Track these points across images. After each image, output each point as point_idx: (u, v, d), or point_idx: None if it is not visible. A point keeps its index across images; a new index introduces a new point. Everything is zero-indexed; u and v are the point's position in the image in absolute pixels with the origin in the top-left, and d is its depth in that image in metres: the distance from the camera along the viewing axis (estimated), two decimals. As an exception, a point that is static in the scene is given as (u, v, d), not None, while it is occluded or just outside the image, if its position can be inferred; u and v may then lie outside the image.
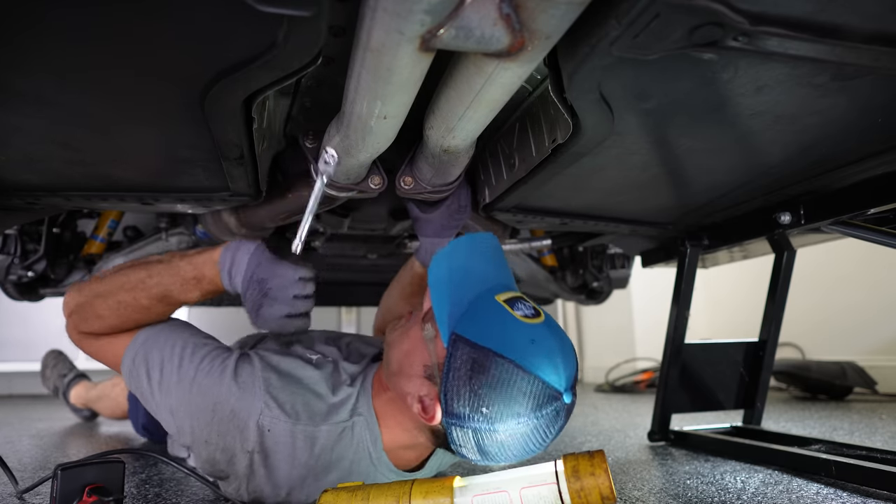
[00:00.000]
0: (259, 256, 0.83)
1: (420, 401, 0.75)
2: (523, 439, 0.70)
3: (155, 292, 0.86)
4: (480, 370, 0.68)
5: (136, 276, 0.86)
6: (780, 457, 1.09)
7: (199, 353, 0.86)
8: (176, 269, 0.86)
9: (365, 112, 0.63)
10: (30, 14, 0.50)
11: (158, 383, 0.84)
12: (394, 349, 0.82)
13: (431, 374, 0.74)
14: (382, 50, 0.49)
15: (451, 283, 0.74)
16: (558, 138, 0.79)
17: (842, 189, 0.96)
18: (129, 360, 0.87)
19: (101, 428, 1.82)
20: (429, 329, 0.75)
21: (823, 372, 2.35)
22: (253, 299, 0.82)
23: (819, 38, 0.52)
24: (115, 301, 0.87)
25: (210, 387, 0.82)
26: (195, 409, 0.81)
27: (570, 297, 2.02)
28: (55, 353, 2.15)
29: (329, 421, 0.83)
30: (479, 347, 0.69)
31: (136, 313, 0.88)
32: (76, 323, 0.90)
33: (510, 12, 0.45)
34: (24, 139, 0.74)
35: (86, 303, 0.88)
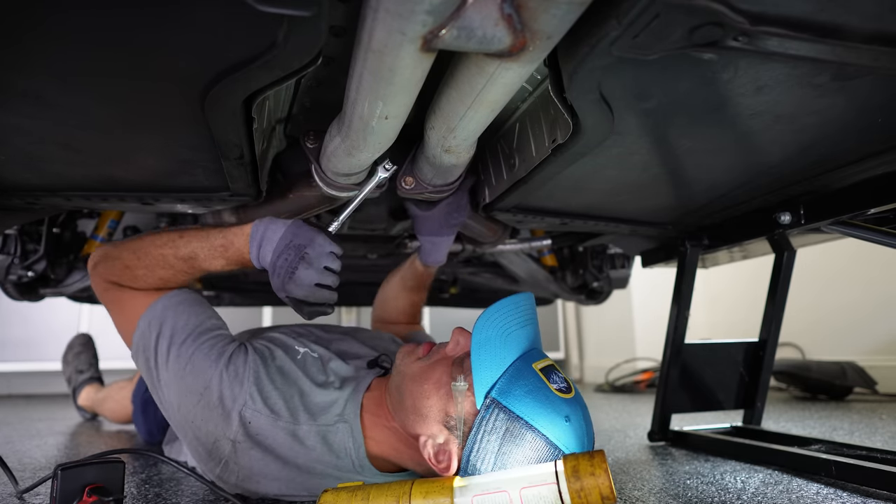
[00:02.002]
0: (297, 226, 0.86)
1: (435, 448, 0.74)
2: None
3: (182, 252, 0.89)
4: (513, 440, 0.69)
5: (169, 235, 0.90)
6: (780, 457, 1.09)
7: (205, 336, 0.88)
8: (206, 235, 0.89)
9: (366, 112, 0.63)
10: (32, 16, 0.50)
11: (165, 353, 0.86)
12: (411, 384, 0.80)
13: (453, 426, 0.73)
14: (384, 50, 0.49)
15: (491, 346, 0.73)
16: (558, 138, 0.79)
17: (842, 189, 0.96)
18: (145, 322, 0.89)
19: (101, 428, 1.82)
20: (461, 382, 0.74)
21: (823, 372, 2.35)
22: (288, 264, 0.83)
23: (819, 38, 0.52)
24: (145, 254, 0.90)
25: (204, 369, 0.84)
26: (186, 387, 0.84)
27: (570, 297, 2.02)
28: (83, 340, 2.13)
29: (311, 421, 0.84)
30: (515, 417, 0.69)
31: (161, 269, 0.90)
32: (102, 271, 0.93)
33: (512, 12, 0.45)
34: (24, 139, 0.74)
35: (115, 254, 0.92)
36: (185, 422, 0.84)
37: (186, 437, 0.86)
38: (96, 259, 0.94)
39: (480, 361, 0.73)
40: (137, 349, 0.90)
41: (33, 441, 1.52)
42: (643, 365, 3.23)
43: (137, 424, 1.44)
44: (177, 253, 0.89)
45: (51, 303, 2.01)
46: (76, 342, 2.12)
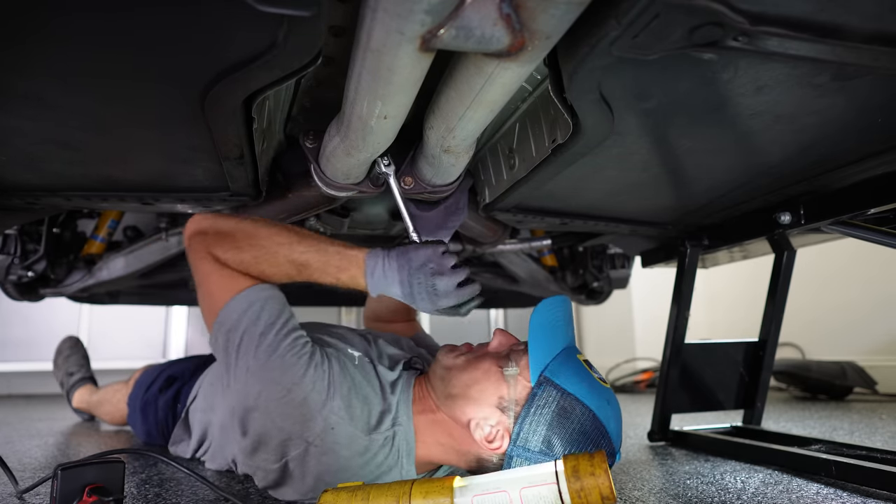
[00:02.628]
0: (405, 253, 0.86)
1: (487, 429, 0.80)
2: None
3: (297, 258, 0.88)
4: (565, 413, 0.77)
5: (288, 235, 0.89)
6: (780, 457, 1.09)
7: (295, 333, 0.87)
8: (325, 250, 0.88)
9: (365, 112, 0.63)
10: (35, 19, 0.50)
11: (257, 338, 0.84)
12: (460, 374, 0.85)
13: (505, 407, 0.80)
14: (383, 50, 0.49)
15: (544, 333, 0.82)
16: (558, 138, 0.79)
17: (842, 189, 0.96)
18: (245, 302, 0.87)
19: (101, 428, 1.82)
20: (511, 367, 0.82)
21: (823, 372, 2.35)
22: (426, 284, 0.84)
23: (819, 38, 0.52)
24: (259, 244, 0.88)
25: (293, 366, 0.83)
26: (272, 380, 0.82)
27: (570, 297, 2.01)
28: (71, 343, 2.12)
29: (378, 430, 0.86)
30: (567, 393, 0.77)
31: (269, 264, 0.89)
32: (209, 243, 0.90)
33: (510, 12, 0.45)
34: (24, 139, 0.74)
35: (227, 229, 0.90)
36: (261, 410, 0.83)
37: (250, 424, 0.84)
38: (203, 226, 0.92)
39: (537, 344, 0.81)
40: (222, 325, 0.87)
41: (33, 441, 1.52)
42: (643, 365, 3.23)
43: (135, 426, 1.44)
44: (291, 256, 0.88)
45: (51, 303, 2.01)
46: (64, 346, 2.11)
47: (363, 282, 0.87)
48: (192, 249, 0.93)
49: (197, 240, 0.92)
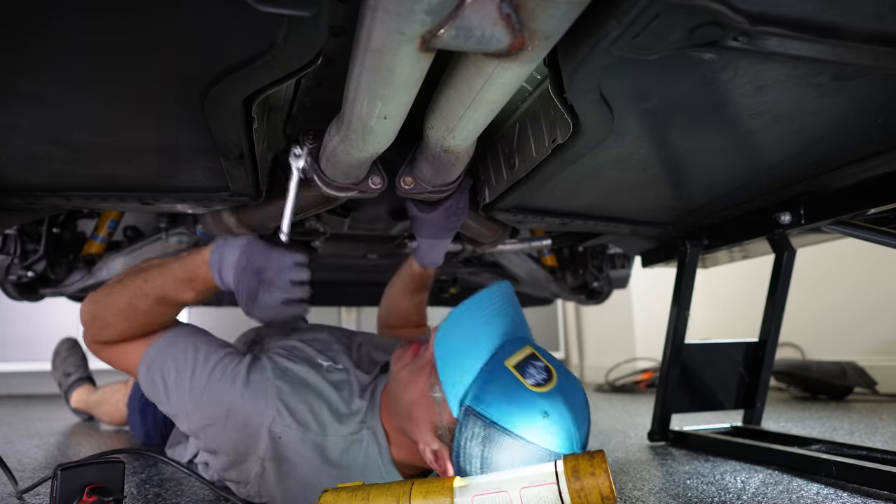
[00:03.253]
0: (251, 247, 0.84)
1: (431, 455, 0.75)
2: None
3: (152, 296, 0.88)
4: (492, 445, 0.68)
5: (134, 282, 0.88)
6: (780, 457, 1.09)
7: (212, 360, 0.86)
8: (169, 272, 0.88)
9: (365, 112, 0.63)
10: (34, 20, 0.50)
11: (175, 389, 0.86)
12: (403, 391, 0.79)
13: (441, 435, 0.74)
14: (383, 50, 0.49)
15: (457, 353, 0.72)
16: (558, 138, 0.79)
17: (842, 189, 0.96)
18: (145, 370, 0.89)
19: (101, 428, 1.82)
20: (437, 391, 0.73)
21: (823, 372, 2.35)
22: (249, 288, 0.83)
23: (819, 38, 0.52)
24: (119, 308, 0.88)
25: (222, 393, 0.83)
26: (209, 415, 0.83)
27: (570, 297, 2.02)
28: (69, 344, 2.14)
29: (338, 432, 0.84)
30: (490, 423, 0.68)
31: (140, 317, 0.89)
32: (91, 333, 0.92)
33: (510, 12, 0.45)
34: (24, 139, 0.74)
35: (96, 312, 0.91)
36: (215, 448, 0.84)
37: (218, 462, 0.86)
38: (84, 319, 0.93)
39: (448, 373, 0.71)
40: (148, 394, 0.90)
41: (33, 441, 1.52)
42: (643, 365, 3.23)
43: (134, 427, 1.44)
44: (146, 299, 0.88)
45: (51, 303, 2.01)
46: (62, 347, 2.13)
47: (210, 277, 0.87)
48: (88, 348, 0.95)
49: (86, 335, 0.94)
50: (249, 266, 0.82)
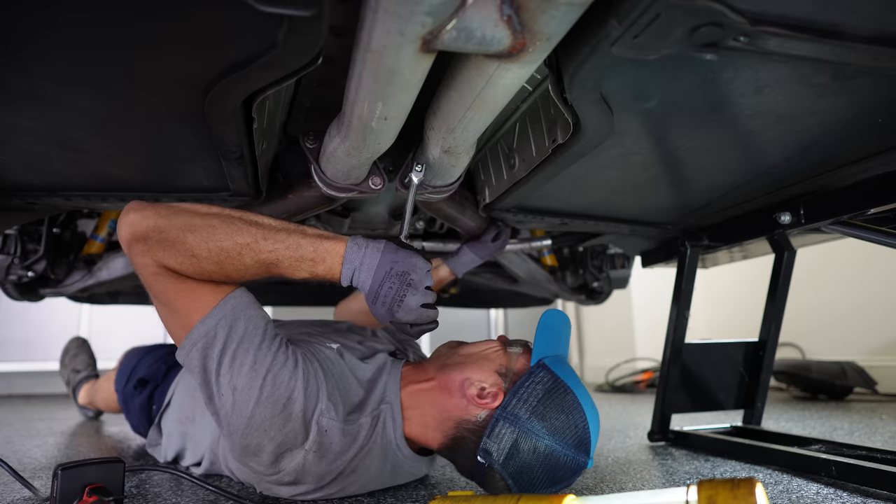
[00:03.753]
0: (393, 251, 0.82)
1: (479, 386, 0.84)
2: (551, 467, 0.80)
3: (265, 257, 0.79)
4: (555, 394, 0.81)
5: (250, 232, 0.79)
6: (780, 457, 1.09)
7: (276, 343, 0.83)
8: (296, 245, 0.81)
9: (366, 113, 0.63)
10: (36, 20, 0.50)
11: (232, 357, 0.79)
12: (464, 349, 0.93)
13: (504, 374, 0.86)
14: (383, 51, 0.49)
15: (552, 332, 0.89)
16: (558, 138, 0.79)
17: (842, 189, 0.96)
18: (213, 321, 0.80)
19: (101, 428, 1.82)
20: (516, 348, 0.90)
21: (823, 372, 2.35)
22: (393, 292, 0.81)
23: (819, 38, 0.52)
24: (217, 246, 0.78)
25: (285, 381, 0.80)
26: (265, 398, 0.79)
27: (570, 297, 2.01)
28: (78, 342, 2.14)
29: (364, 412, 0.88)
30: (560, 380, 0.83)
31: (234, 269, 0.80)
32: (158, 254, 0.78)
33: (511, 13, 0.45)
34: (24, 139, 0.74)
35: (174, 236, 0.78)
36: (256, 428, 0.80)
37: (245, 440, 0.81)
38: (142, 229, 0.78)
39: (544, 336, 0.88)
40: (196, 343, 0.80)
41: (33, 441, 1.52)
42: (643, 365, 3.23)
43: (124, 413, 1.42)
44: (258, 256, 0.79)
45: (51, 303, 2.01)
46: (71, 345, 2.14)
47: (339, 272, 0.82)
48: (137, 264, 0.80)
49: (140, 250, 0.78)
50: (395, 269, 0.81)
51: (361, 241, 0.82)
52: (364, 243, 0.82)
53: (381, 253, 0.81)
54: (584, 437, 0.80)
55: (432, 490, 0.96)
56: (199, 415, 1.05)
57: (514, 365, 0.86)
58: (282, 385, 0.80)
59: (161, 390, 1.22)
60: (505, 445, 0.79)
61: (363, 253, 0.81)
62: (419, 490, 0.96)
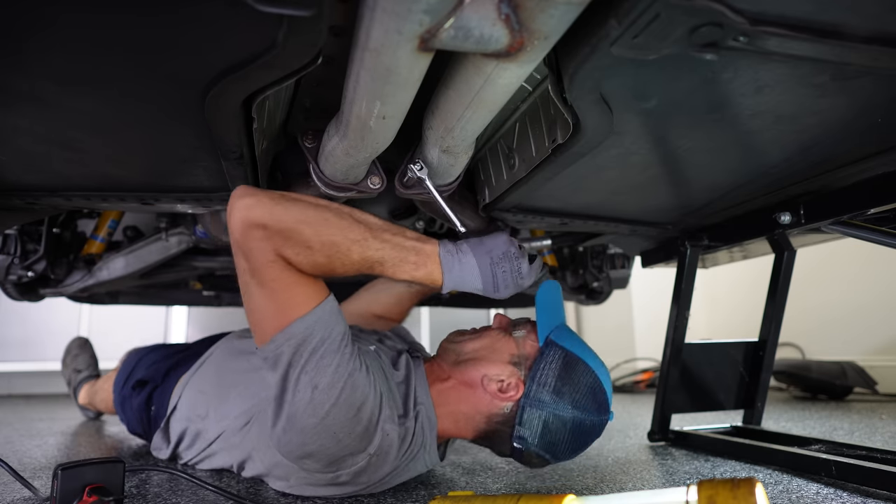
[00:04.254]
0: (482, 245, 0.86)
1: (499, 381, 0.88)
2: (580, 434, 0.88)
3: (371, 254, 0.81)
4: (569, 368, 0.88)
5: (359, 230, 0.81)
6: (780, 457, 1.09)
7: (353, 348, 0.84)
8: (401, 247, 0.82)
9: (364, 112, 0.63)
10: (36, 20, 0.50)
11: (321, 356, 0.80)
12: (470, 343, 0.96)
13: (517, 363, 0.90)
14: (381, 50, 0.49)
15: (549, 306, 0.94)
16: (558, 138, 0.79)
17: (842, 189, 0.96)
18: (320, 316, 0.81)
19: (101, 428, 1.82)
20: (520, 331, 0.93)
21: (823, 372, 2.35)
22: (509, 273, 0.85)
23: (819, 38, 0.52)
24: (330, 240, 0.79)
25: (361, 386, 0.82)
26: (343, 401, 0.80)
27: (570, 297, 2.01)
28: (80, 342, 2.13)
29: (408, 416, 0.90)
30: (570, 353, 0.89)
31: (341, 263, 0.81)
32: (277, 242, 0.79)
33: (509, 12, 0.45)
34: (24, 139, 0.74)
35: (293, 228, 0.79)
36: (325, 431, 0.80)
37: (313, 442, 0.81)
38: (263, 218, 0.78)
39: (544, 313, 0.92)
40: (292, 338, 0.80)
41: (33, 441, 1.52)
42: (643, 365, 3.23)
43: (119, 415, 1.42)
44: (365, 254, 0.80)
45: (51, 303, 2.01)
46: (73, 345, 2.13)
47: (440, 278, 0.83)
48: (253, 249, 0.79)
49: (258, 236, 0.78)
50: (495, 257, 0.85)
51: (450, 246, 0.86)
52: (454, 249, 0.85)
53: (472, 254, 0.85)
54: (602, 398, 0.88)
55: (432, 490, 0.96)
56: (212, 410, 1.05)
57: (523, 350, 0.91)
58: (358, 390, 0.81)
59: (161, 392, 1.21)
60: (536, 429, 0.87)
61: (458, 260, 0.84)
62: (419, 490, 0.96)
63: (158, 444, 1.17)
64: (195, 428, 1.08)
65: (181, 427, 1.12)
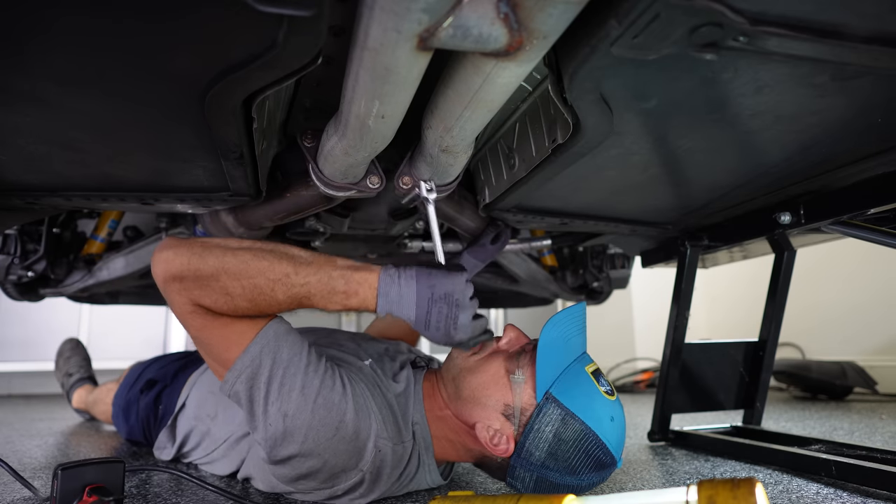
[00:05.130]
0: (427, 276, 0.81)
1: (491, 433, 0.83)
2: (574, 489, 0.82)
3: (296, 292, 0.80)
4: (566, 431, 0.79)
5: (281, 268, 0.80)
6: (780, 457, 1.09)
7: (321, 365, 0.84)
8: (327, 279, 0.80)
9: (363, 111, 0.63)
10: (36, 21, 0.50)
11: (280, 384, 0.80)
12: (469, 376, 0.88)
13: (510, 415, 0.83)
14: (380, 49, 0.49)
15: (553, 348, 0.83)
16: (558, 138, 0.79)
17: (842, 189, 0.96)
18: (257, 350, 0.81)
19: (101, 428, 1.82)
20: (519, 374, 0.84)
21: (823, 372, 2.35)
22: (444, 316, 0.80)
23: (819, 38, 0.52)
24: (251, 284, 0.79)
25: (336, 404, 0.81)
26: (318, 422, 0.80)
27: (570, 297, 2.01)
28: (72, 344, 2.12)
29: (405, 434, 0.89)
30: (569, 412, 0.79)
31: (267, 305, 0.81)
32: (193, 294, 0.79)
33: (508, 11, 0.45)
34: (24, 139, 0.74)
35: (208, 274, 0.79)
36: (309, 453, 0.81)
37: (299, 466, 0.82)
38: (177, 269, 0.79)
39: (545, 361, 0.82)
40: (239, 376, 0.81)
41: (33, 441, 1.52)
42: (643, 365, 3.23)
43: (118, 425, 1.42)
44: (289, 291, 0.80)
45: (51, 303, 2.01)
46: (65, 347, 2.10)
47: (373, 304, 0.81)
48: (173, 301, 0.82)
49: (175, 288, 0.80)
50: (436, 293, 0.80)
51: (393, 270, 0.81)
52: (396, 273, 0.81)
53: (415, 281, 0.80)
54: (602, 458, 0.80)
55: (432, 490, 0.96)
56: (221, 411, 1.05)
57: (518, 401, 0.82)
58: (333, 408, 0.81)
59: (171, 391, 1.21)
60: (528, 484, 0.83)
61: (398, 284, 0.80)
62: (419, 490, 0.96)
63: (163, 442, 1.17)
64: (203, 427, 1.09)
65: (188, 426, 1.12)
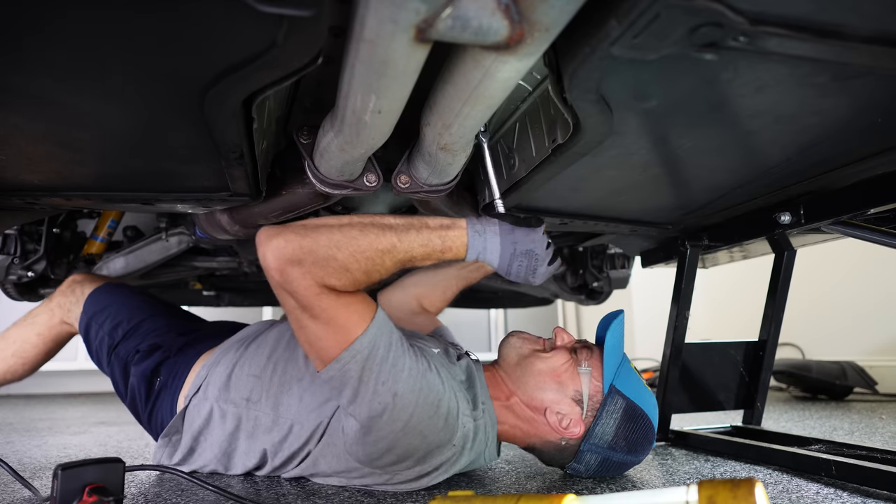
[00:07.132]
0: (510, 233, 0.88)
1: (560, 416, 0.95)
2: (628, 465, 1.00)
3: (402, 258, 0.85)
4: (631, 419, 0.95)
5: (387, 239, 0.84)
6: (780, 457, 1.09)
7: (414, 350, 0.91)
8: (426, 240, 0.86)
9: (359, 106, 0.62)
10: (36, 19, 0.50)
11: (392, 364, 0.85)
12: (538, 363, 0.99)
13: (579, 400, 0.95)
14: (376, 40, 0.48)
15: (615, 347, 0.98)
16: (558, 138, 0.79)
17: (842, 189, 0.96)
18: (375, 332, 0.85)
19: (102, 428, 1.82)
20: (585, 366, 0.97)
21: (823, 372, 2.35)
22: (524, 268, 0.89)
23: (819, 38, 0.52)
24: (364, 258, 0.83)
25: (435, 384, 0.88)
26: (423, 400, 0.86)
27: (570, 297, 2.02)
28: None
29: (477, 412, 0.95)
30: (631, 402, 0.95)
31: (378, 273, 0.85)
32: (317, 274, 0.81)
33: (509, 3, 0.44)
34: (24, 139, 0.74)
35: (325, 254, 0.81)
36: (412, 430, 0.86)
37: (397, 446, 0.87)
38: (295, 253, 0.80)
39: (611, 356, 0.97)
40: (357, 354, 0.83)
41: (33, 441, 1.52)
42: (643, 365, 3.22)
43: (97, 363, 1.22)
44: (395, 257, 0.84)
45: (51, 303, 2.00)
46: None
47: (464, 256, 0.89)
48: (297, 286, 0.82)
49: (298, 273, 0.81)
50: (518, 249, 0.88)
51: (479, 226, 0.88)
52: (482, 229, 0.88)
53: (499, 237, 0.88)
54: (652, 437, 0.97)
55: (432, 490, 0.96)
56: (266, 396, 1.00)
57: (586, 389, 0.95)
58: (434, 388, 0.88)
59: (172, 364, 1.11)
60: (590, 467, 0.97)
61: (484, 239, 0.88)
62: (419, 490, 0.96)
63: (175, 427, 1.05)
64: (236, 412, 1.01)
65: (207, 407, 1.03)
